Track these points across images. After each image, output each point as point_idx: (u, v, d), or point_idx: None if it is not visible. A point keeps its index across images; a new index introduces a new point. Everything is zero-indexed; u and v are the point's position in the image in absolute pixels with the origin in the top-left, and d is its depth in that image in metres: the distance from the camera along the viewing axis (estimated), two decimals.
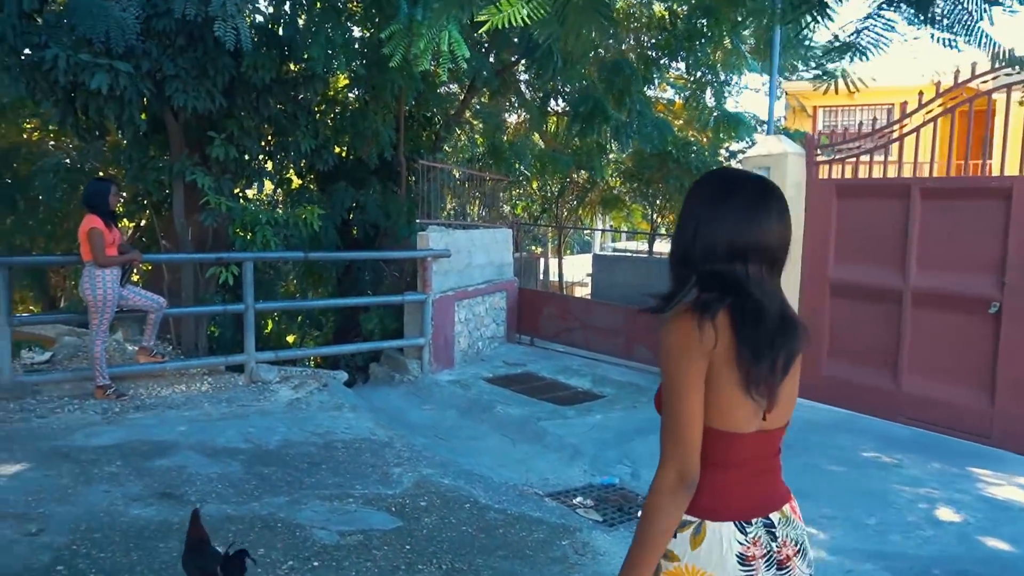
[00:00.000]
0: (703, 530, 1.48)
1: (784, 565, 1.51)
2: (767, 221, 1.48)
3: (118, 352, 6.81)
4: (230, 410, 5.94)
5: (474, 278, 8.91)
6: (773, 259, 1.50)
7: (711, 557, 1.47)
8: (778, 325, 1.47)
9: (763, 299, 1.46)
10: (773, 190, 1.52)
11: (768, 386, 1.46)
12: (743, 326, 1.44)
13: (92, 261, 5.66)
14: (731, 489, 1.50)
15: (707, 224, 1.49)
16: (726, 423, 1.47)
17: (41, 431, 5.11)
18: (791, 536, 1.54)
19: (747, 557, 1.48)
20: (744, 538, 1.48)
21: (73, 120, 6.65)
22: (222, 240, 8.06)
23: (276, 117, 7.70)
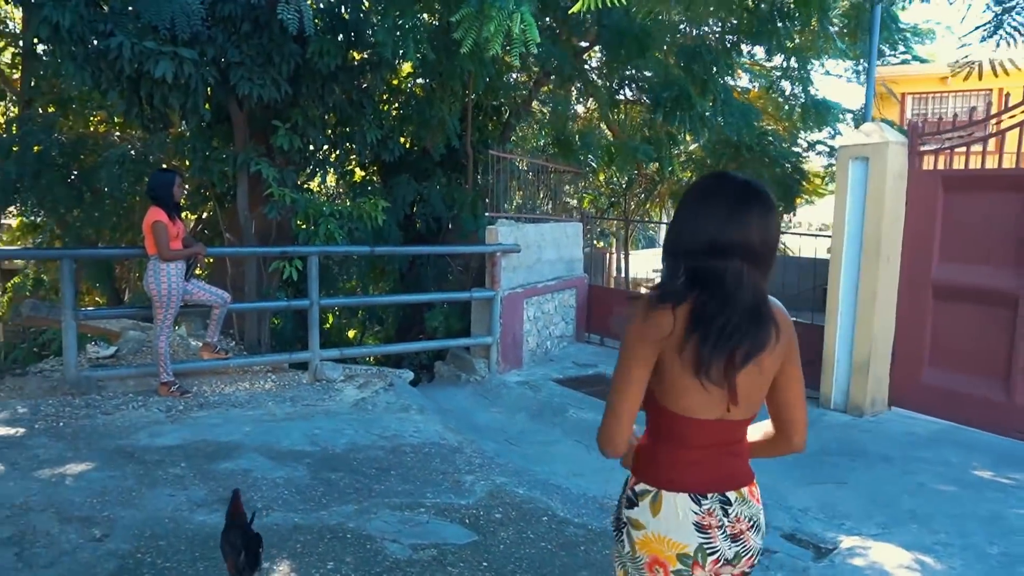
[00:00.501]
0: (660, 498, 1.63)
1: (738, 538, 1.65)
2: (748, 221, 1.55)
3: (182, 347, 6.67)
4: (294, 410, 5.72)
5: (543, 274, 8.55)
6: (755, 256, 1.57)
7: (671, 523, 1.62)
8: (745, 319, 1.54)
9: (734, 293, 1.54)
10: (756, 192, 1.58)
11: (720, 376, 1.53)
12: (700, 318, 1.52)
13: (156, 255, 5.49)
14: (687, 465, 1.64)
15: (691, 223, 1.59)
16: (681, 407, 1.60)
17: (106, 429, 4.95)
18: (745, 514, 1.66)
19: (703, 526, 1.62)
20: (698, 508, 1.62)
21: (138, 110, 6.52)
22: (285, 233, 7.88)
23: (341, 106, 7.46)
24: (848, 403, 6.83)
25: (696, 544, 1.62)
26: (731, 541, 1.64)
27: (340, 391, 6.29)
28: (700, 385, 1.55)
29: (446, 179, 9.59)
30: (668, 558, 1.63)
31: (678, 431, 1.64)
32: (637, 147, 9.74)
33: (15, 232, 13.99)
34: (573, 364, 8.40)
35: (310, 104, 7.12)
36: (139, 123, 6.69)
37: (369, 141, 7.55)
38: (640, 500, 1.67)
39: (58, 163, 7.97)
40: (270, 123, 7.19)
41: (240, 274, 7.63)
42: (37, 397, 5.49)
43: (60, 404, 5.35)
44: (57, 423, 5.00)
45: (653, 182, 18.31)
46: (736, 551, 1.66)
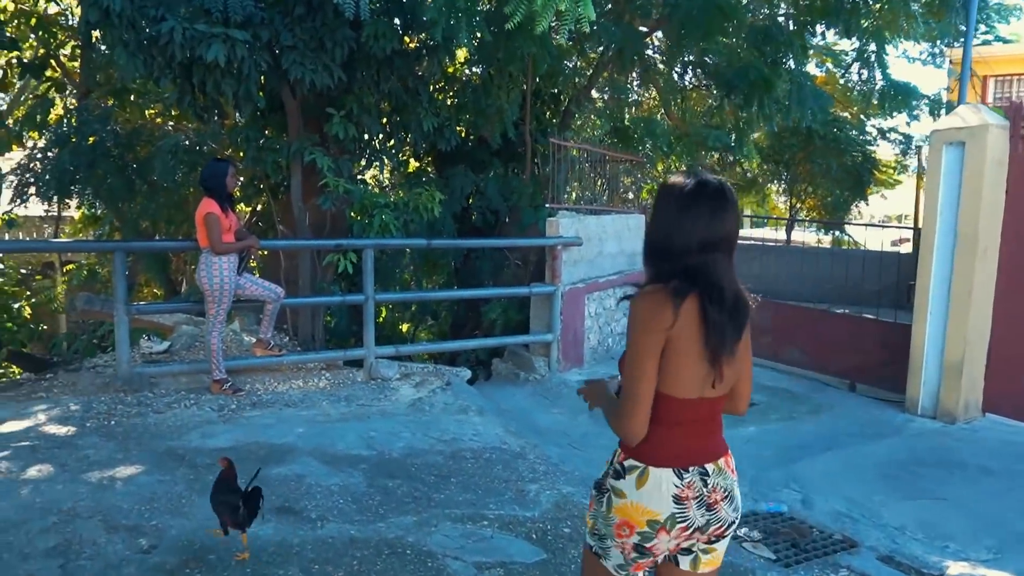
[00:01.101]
0: (647, 474, 1.76)
1: (712, 508, 1.79)
2: (726, 217, 1.73)
3: (235, 343, 6.51)
4: (349, 410, 5.48)
5: (604, 268, 8.18)
6: (730, 248, 1.76)
7: (652, 496, 1.75)
8: (733, 305, 1.73)
9: (724, 282, 1.72)
10: (727, 190, 1.76)
11: (720, 355, 1.73)
12: (710, 311, 1.70)
13: (208, 248, 5.31)
14: (672, 442, 1.77)
15: (682, 224, 1.73)
16: (674, 390, 1.75)
17: (157, 429, 4.78)
18: (720, 484, 1.81)
19: (681, 498, 1.76)
20: (680, 482, 1.76)
21: (191, 99, 6.36)
22: (340, 225, 7.67)
23: (396, 93, 7.20)
24: (938, 408, 6.32)
25: (669, 513, 1.78)
26: (706, 510, 1.80)
27: (396, 390, 6.04)
28: (694, 368, 1.74)
29: (503, 170, 9.26)
30: (638, 522, 1.78)
31: (666, 410, 1.77)
32: (708, 133, 9.24)
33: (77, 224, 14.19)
34: None
35: (365, 91, 6.87)
36: (192, 112, 6.54)
37: (425, 130, 7.27)
38: (628, 474, 1.81)
39: (113, 154, 7.91)
40: (324, 111, 6.96)
41: (294, 267, 7.45)
42: (90, 394, 5.37)
43: (112, 401, 5.21)
44: (108, 421, 4.85)
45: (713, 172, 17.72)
46: (708, 519, 1.81)
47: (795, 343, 7.65)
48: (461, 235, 8.89)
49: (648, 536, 1.79)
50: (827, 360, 7.41)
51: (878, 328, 7.31)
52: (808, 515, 4.55)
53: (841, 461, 5.24)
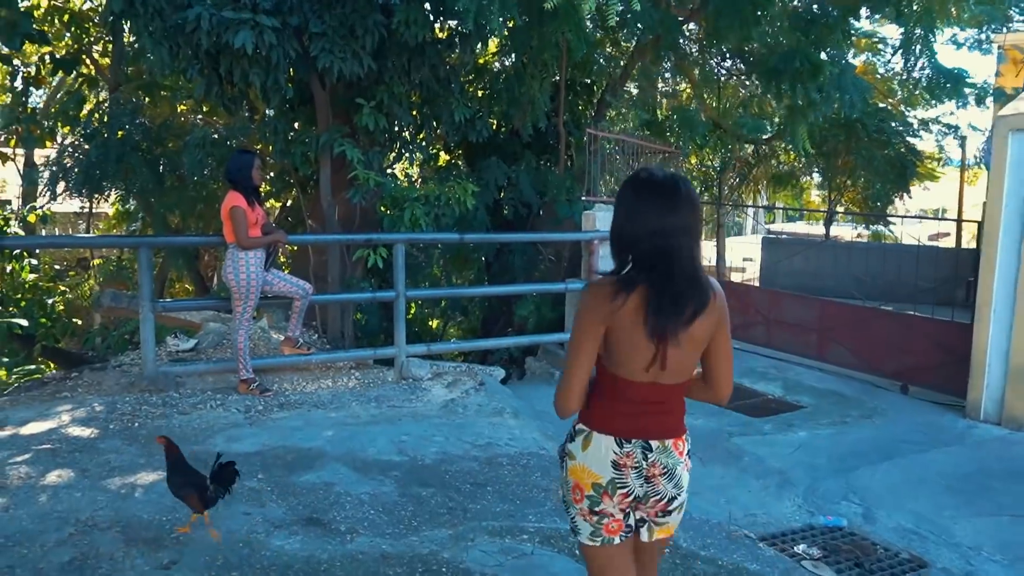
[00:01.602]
0: (591, 438, 1.94)
1: (650, 480, 1.93)
2: (679, 206, 1.85)
3: (262, 341, 6.33)
4: (380, 412, 5.26)
5: None
6: (689, 233, 1.88)
7: (594, 459, 1.92)
8: (684, 287, 1.84)
9: (677, 267, 1.84)
10: (680, 183, 1.89)
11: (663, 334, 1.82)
12: (652, 301, 1.82)
13: (235, 243, 5.11)
14: (617, 416, 1.94)
15: (634, 216, 1.88)
16: (621, 371, 1.90)
17: (181, 431, 4.59)
18: (661, 461, 1.93)
19: (619, 464, 1.91)
20: (620, 451, 1.91)
21: (218, 89, 6.18)
22: (369, 219, 7.46)
23: (427, 83, 6.95)
24: (1003, 414, 5.94)
25: (609, 478, 1.90)
26: (644, 481, 1.91)
27: (428, 391, 5.81)
28: (639, 352, 1.85)
29: (536, 162, 8.98)
30: (585, 484, 1.92)
31: (615, 388, 1.92)
32: (746, 123, 8.87)
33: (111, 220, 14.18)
34: None
35: (395, 81, 6.63)
36: (219, 103, 6.36)
37: (457, 121, 7.02)
38: (577, 436, 1.97)
39: (141, 148, 7.78)
40: (353, 102, 6.75)
41: (323, 263, 7.25)
42: (115, 393, 5.22)
43: (137, 402, 5.05)
44: (132, 423, 4.68)
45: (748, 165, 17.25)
46: (646, 491, 1.92)
47: (843, 342, 7.30)
48: (493, 229, 8.64)
49: (595, 500, 1.93)
50: (878, 360, 7.04)
51: (933, 327, 6.92)
52: (871, 531, 4.25)
53: (902, 471, 4.90)
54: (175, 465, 3.19)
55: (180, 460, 3.22)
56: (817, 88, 7.40)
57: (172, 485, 3.16)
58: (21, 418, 4.70)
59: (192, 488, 3.11)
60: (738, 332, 8.50)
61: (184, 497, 3.14)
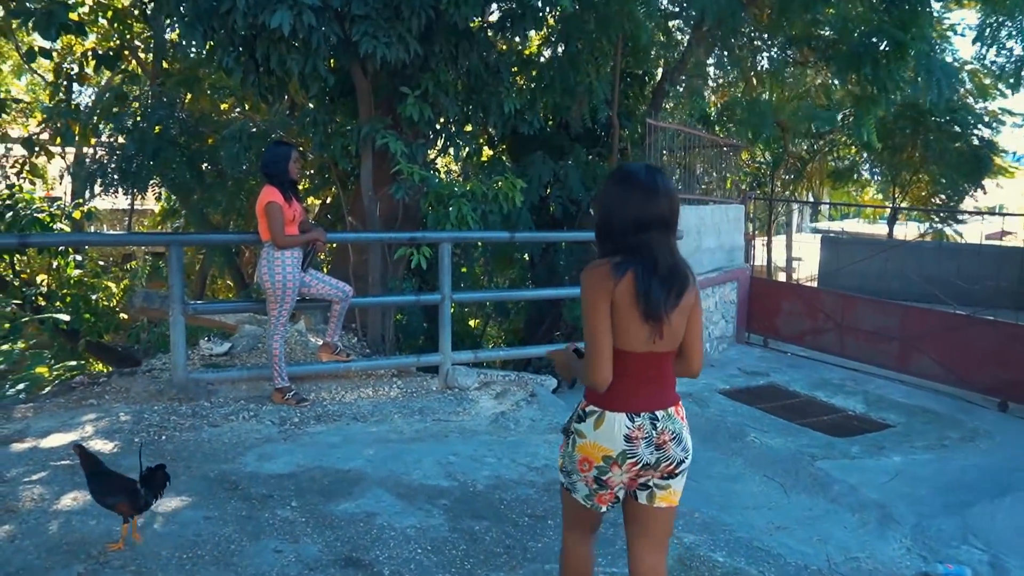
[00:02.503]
0: (603, 417, 2.08)
1: (661, 447, 2.09)
2: (658, 200, 2.05)
3: (299, 346, 5.93)
4: (424, 426, 4.82)
5: (703, 265, 7.33)
6: (667, 225, 2.07)
7: (606, 435, 2.07)
8: (668, 273, 2.05)
9: (658, 256, 2.04)
10: (658, 176, 2.09)
11: (657, 315, 2.03)
12: (641, 281, 2.02)
13: (270, 241, 4.71)
14: (624, 391, 2.08)
15: (618, 209, 2.07)
16: (623, 344, 2.06)
17: (210, 447, 4.20)
18: (669, 428, 2.10)
19: (631, 437, 2.07)
20: (631, 424, 2.07)
21: (255, 78, 5.79)
22: (412, 217, 7.04)
23: (476, 70, 6.49)
24: None
25: (620, 450, 2.08)
26: (655, 449, 2.09)
27: (475, 402, 5.35)
28: (637, 326, 2.04)
29: (585, 156, 8.46)
30: (595, 458, 2.10)
31: (620, 362, 2.07)
32: (816, 114, 8.23)
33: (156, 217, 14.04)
34: (739, 371, 7.15)
35: (442, 68, 6.18)
36: (256, 93, 5.99)
37: (507, 111, 6.54)
38: (588, 418, 2.12)
39: (179, 142, 7.46)
40: (397, 91, 6.32)
41: (363, 262, 6.85)
42: (142, 401, 4.85)
43: (165, 412, 4.68)
44: (159, 436, 4.30)
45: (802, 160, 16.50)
46: (657, 457, 2.11)
47: (928, 352, 6.65)
48: (539, 227, 8.14)
49: (604, 470, 2.09)
50: (970, 373, 6.39)
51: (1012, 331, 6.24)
52: None
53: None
54: (96, 473, 2.94)
55: (100, 467, 2.97)
56: (900, 74, 6.74)
57: (97, 494, 2.91)
58: (43, 428, 4.36)
59: (123, 495, 2.86)
60: (806, 338, 7.89)
61: (114, 506, 2.88)
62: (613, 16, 5.99)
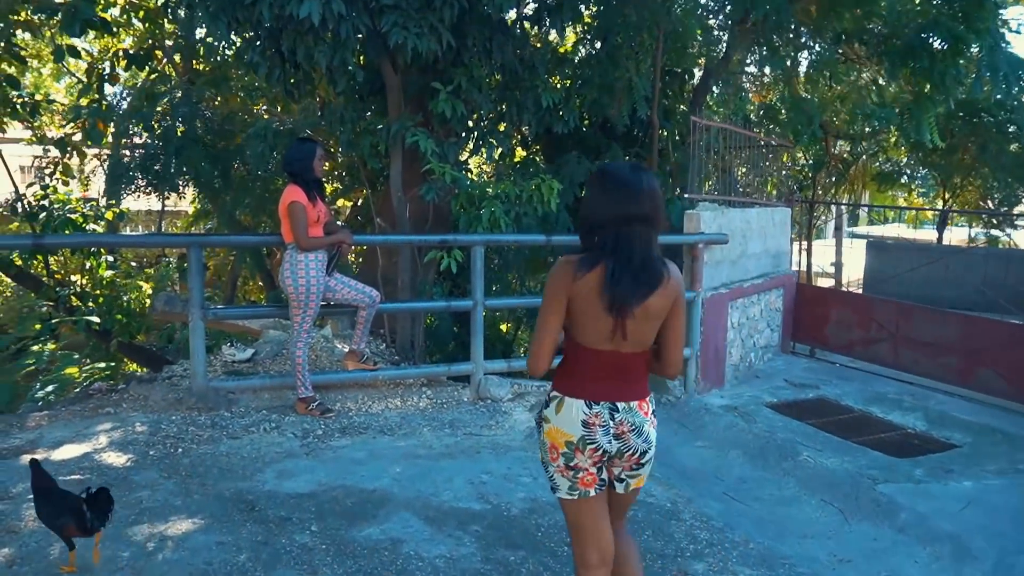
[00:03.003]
0: (563, 403, 2.15)
1: (620, 437, 2.14)
2: (640, 198, 2.07)
3: (325, 352, 5.68)
4: (455, 441, 4.53)
5: (748, 271, 6.95)
6: (648, 221, 2.09)
7: (566, 420, 2.14)
8: (640, 268, 2.06)
9: (632, 254, 2.05)
10: (642, 174, 2.12)
11: (621, 308, 2.04)
12: (611, 269, 2.04)
13: (293, 243, 4.47)
14: (584, 381, 2.14)
15: (600, 204, 2.10)
16: (583, 339, 2.12)
17: (228, 462, 3.96)
18: (628, 420, 2.14)
19: (588, 423, 2.12)
20: (588, 411, 2.12)
21: (281, 73, 5.57)
22: (443, 218, 6.77)
23: (510, 65, 6.19)
24: None
25: (579, 436, 2.13)
26: (613, 439, 2.13)
27: (508, 414, 5.06)
28: (600, 323, 2.07)
29: (623, 156, 8.12)
30: (560, 443, 2.16)
31: (581, 357, 2.15)
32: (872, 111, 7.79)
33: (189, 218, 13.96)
34: (786, 383, 6.75)
35: (475, 62, 5.89)
36: (282, 88, 5.76)
37: (545, 106, 6.23)
38: (551, 403, 2.19)
39: (205, 140, 7.27)
40: (428, 87, 6.05)
41: (392, 265, 6.59)
42: (160, 411, 4.63)
43: (183, 422, 4.45)
44: (175, 449, 4.07)
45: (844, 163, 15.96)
46: (618, 447, 2.15)
47: (994, 366, 6.20)
48: (573, 230, 7.81)
49: (569, 456, 2.14)
50: None
51: None
52: None
53: None
54: (45, 492, 2.79)
55: (49, 486, 2.82)
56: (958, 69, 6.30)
57: (45, 516, 2.76)
58: (56, 439, 4.16)
59: (70, 516, 2.71)
60: (856, 349, 7.45)
61: (61, 528, 2.73)
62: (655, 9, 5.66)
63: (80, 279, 12.31)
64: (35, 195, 11.42)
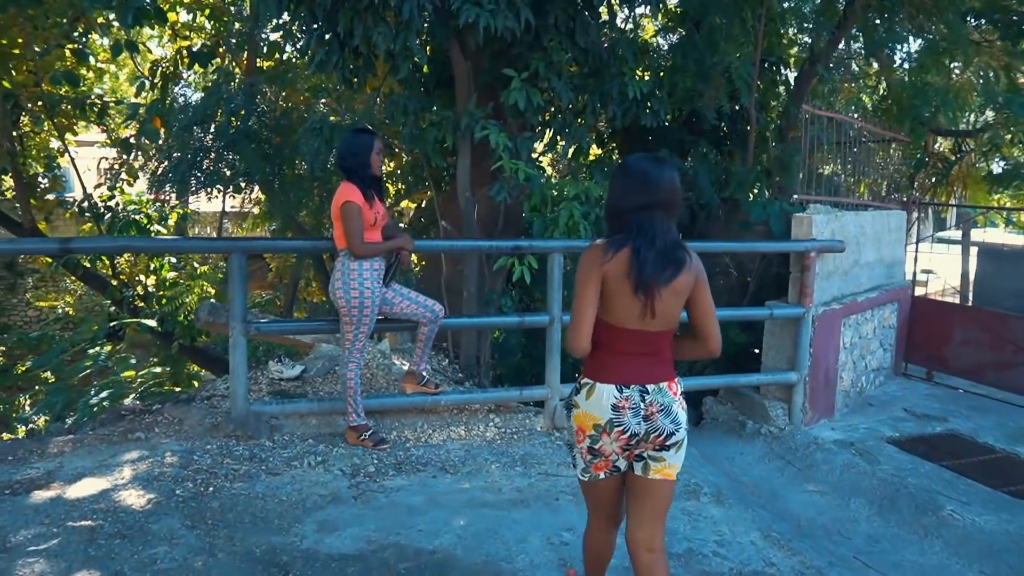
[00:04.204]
0: (594, 388, 2.24)
1: (649, 418, 2.23)
2: (661, 185, 2.21)
3: (381, 370, 5.07)
4: (528, 483, 3.84)
5: (861, 283, 6.07)
6: (669, 207, 2.24)
7: (596, 405, 2.23)
8: (663, 252, 2.19)
9: (655, 237, 2.19)
10: (663, 165, 2.26)
11: (648, 288, 2.17)
12: (638, 251, 2.17)
13: (346, 249, 3.87)
14: (614, 364, 2.24)
15: (625, 192, 2.24)
16: (613, 319, 2.22)
17: (263, 507, 3.36)
18: (658, 400, 2.24)
19: (618, 407, 2.22)
20: (619, 395, 2.22)
21: (338, 58, 5.00)
22: (514, 221, 6.10)
23: (594, 49, 5.48)
24: None
25: (608, 419, 2.22)
26: (642, 420, 2.22)
27: None
28: (628, 302, 2.19)
29: (714, 153, 7.29)
30: (587, 427, 2.26)
31: (610, 337, 2.24)
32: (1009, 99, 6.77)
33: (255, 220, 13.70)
34: (906, 414, 5.84)
35: (555, 45, 5.20)
36: (339, 76, 5.20)
37: (632, 97, 5.49)
38: (582, 389, 2.28)
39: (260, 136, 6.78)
40: (500, 76, 5.40)
41: (457, 273, 5.95)
42: (195, 437, 4.09)
43: (219, 452, 3.90)
44: (205, 488, 3.50)
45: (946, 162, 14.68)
46: (646, 428, 2.23)
47: None
48: None
49: (595, 439, 2.25)
50: None
51: None
52: None
53: None
54: None
55: None
56: None
57: None
58: (76, 470, 3.65)
59: None
60: (986, 374, 6.47)
61: None
62: None
63: (146, 279, 12.17)
64: (101, 196, 11.30)
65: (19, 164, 10.61)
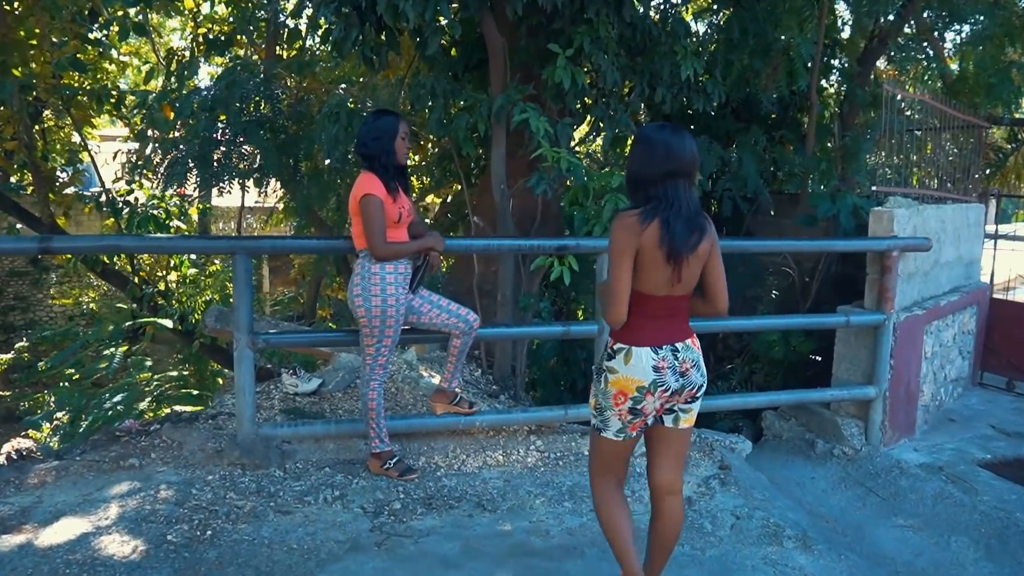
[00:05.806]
0: (631, 353, 2.30)
1: (684, 374, 2.33)
2: (682, 154, 2.25)
3: (408, 384, 4.54)
4: (580, 523, 3.28)
5: (940, 285, 5.43)
6: (688, 175, 2.28)
7: (636, 368, 2.29)
8: (688, 219, 2.24)
9: (682, 202, 2.24)
10: (683, 134, 2.29)
11: (679, 255, 2.23)
12: (668, 221, 2.21)
13: (366, 250, 3.32)
14: (647, 329, 2.31)
15: (647, 161, 2.27)
16: (646, 288, 2.29)
17: (268, 559, 2.83)
18: (689, 357, 2.35)
19: (658, 367, 2.29)
20: (656, 356, 2.30)
21: (359, 34, 4.45)
22: (553, 216, 5.54)
23: (643, 24, 4.89)
24: None
25: (651, 380, 2.29)
26: (679, 376, 2.32)
27: (641, 475, 3.75)
28: (661, 270, 2.25)
29: (765, 140, 6.64)
30: (630, 389, 2.30)
31: (643, 304, 2.30)
32: None
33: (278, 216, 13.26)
34: (994, 431, 5.20)
35: (602, 20, 4.61)
36: (359, 54, 4.66)
37: (685, 78, 4.89)
38: (617, 355, 2.33)
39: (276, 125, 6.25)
40: (538, 54, 4.82)
41: (491, 274, 5.39)
42: (196, 465, 3.58)
43: (221, 484, 3.39)
44: (202, 532, 2.98)
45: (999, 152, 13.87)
46: (681, 383, 2.33)
47: None
48: None
49: (639, 399, 2.30)
50: None
51: None
52: None
53: None
54: None
55: None
56: None
57: None
58: (55, 507, 3.15)
59: None
60: None
61: None
62: None
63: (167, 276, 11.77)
64: (119, 191, 10.90)
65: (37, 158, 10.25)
